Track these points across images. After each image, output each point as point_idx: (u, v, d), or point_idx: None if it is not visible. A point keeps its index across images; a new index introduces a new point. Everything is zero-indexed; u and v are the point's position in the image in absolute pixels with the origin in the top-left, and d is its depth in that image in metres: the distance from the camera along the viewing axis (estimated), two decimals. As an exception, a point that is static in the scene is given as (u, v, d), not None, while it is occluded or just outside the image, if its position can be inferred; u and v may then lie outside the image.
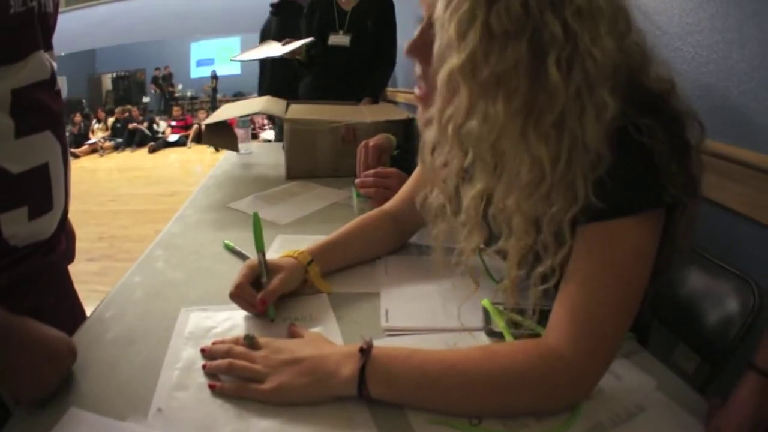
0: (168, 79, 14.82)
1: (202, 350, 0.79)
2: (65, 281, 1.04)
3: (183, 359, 0.78)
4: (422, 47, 0.74)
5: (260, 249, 0.95)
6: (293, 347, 0.76)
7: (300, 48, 2.79)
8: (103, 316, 0.90)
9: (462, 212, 0.77)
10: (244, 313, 0.90)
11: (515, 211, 0.70)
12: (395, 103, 4.04)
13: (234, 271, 1.00)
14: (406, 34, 3.71)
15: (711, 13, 1.30)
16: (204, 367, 0.75)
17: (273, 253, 1.14)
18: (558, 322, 0.70)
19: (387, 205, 1.20)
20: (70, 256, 1.01)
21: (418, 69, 0.78)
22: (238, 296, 0.89)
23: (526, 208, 0.69)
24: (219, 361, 0.74)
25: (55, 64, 0.89)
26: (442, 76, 0.67)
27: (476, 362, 0.69)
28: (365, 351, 0.70)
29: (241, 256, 1.13)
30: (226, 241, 1.20)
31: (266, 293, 0.89)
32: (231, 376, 0.73)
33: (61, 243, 0.95)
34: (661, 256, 0.72)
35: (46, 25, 0.85)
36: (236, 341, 0.78)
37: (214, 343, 0.79)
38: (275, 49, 2.83)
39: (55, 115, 0.88)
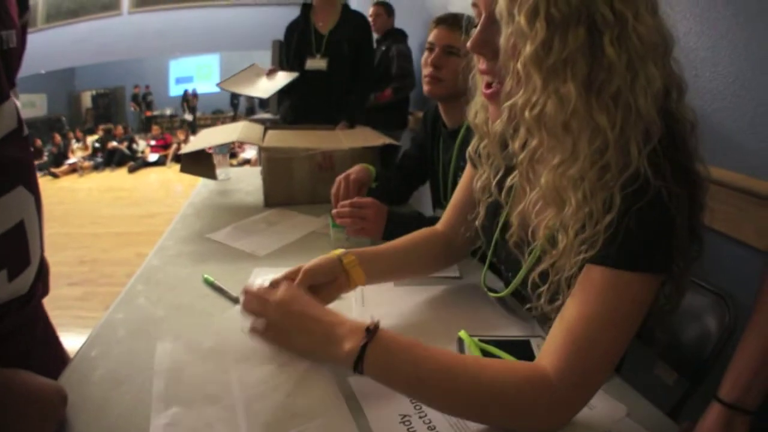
0: (146, 97, 14.79)
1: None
2: (45, 319, 1.02)
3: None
4: (485, 43, 0.80)
5: None
6: (305, 304, 0.85)
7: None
8: (88, 355, 0.92)
9: (538, 188, 0.80)
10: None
11: (580, 179, 0.74)
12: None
13: (214, 307, 1.05)
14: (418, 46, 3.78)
15: (684, 32, 1.34)
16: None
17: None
18: (552, 350, 0.74)
19: (438, 224, 1.24)
20: (45, 291, 0.99)
21: (482, 64, 0.84)
22: None
23: (591, 175, 0.73)
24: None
25: (19, 104, 0.85)
26: (518, 66, 0.72)
27: (467, 371, 0.73)
28: (371, 331, 0.76)
29: (221, 291, 1.17)
30: (206, 276, 1.23)
31: (290, 272, 0.97)
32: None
33: (39, 289, 0.94)
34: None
35: (11, 63, 0.82)
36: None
37: None
38: (261, 86, 2.89)
39: (26, 167, 0.86)
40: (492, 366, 0.75)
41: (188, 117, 14.59)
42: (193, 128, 13.82)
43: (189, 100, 14.94)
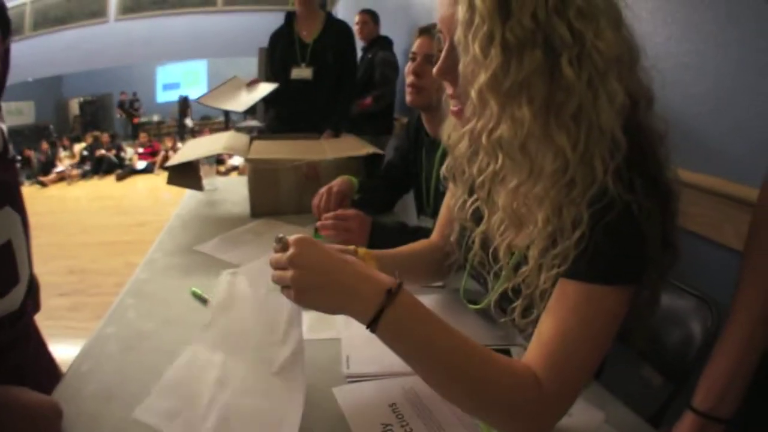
0: (133, 104, 14.73)
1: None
2: (37, 334, 1.05)
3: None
4: (448, 69, 0.82)
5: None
6: (322, 255, 0.77)
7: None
8: (80, 369, 0.95)
9: (498, 212, 0.84)
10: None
11: (543, 197, 0.76)
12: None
13: (203, 321, 1.08)
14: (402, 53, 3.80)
15: (666, 37, 1.36)
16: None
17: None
18: (531, 361, 0.75)
19: (432, 236, 1.26)
20: (36, 308, 1.02)
21: (449, 89, 0.86)
22: None
23: (553, 194, 0.75)
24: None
25: (4, 127, 0.87)
26: (472, 94, 0.74)
27: (474, 358, 0.74)
28: (392, 295, 0.73)
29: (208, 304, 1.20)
30: (194, 289, 1.26)
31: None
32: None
33: (30, 305, 0.96)
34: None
35: None
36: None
37: None
38: (238, 99, 2.91)
39: (11, 187, 0.88)
40: (497, 361, 0.75)
41: (189, 122, 14.54)
42: (181, 135, 13.78)
43: (188, 106, 14.87)
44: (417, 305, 0.76)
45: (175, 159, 2.08)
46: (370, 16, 4.20)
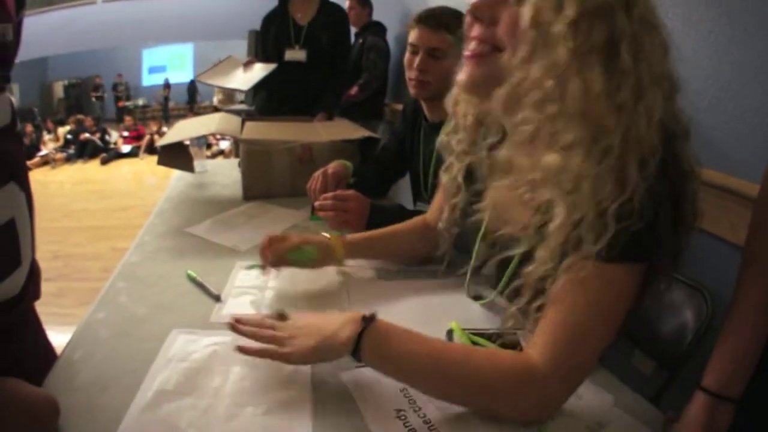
0: (116, 87, 14.58)
1: (231, 326, 0.87)
2: (36, 321, 1.00)
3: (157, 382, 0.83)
4: (488, 7, 0.79)
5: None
6: (310, 317, 0.88)
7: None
8: (71, 358, 0.91)
9: (536, 170, 0.78)
10: (228, 341, 0.92)
11: (577, 174, 0.71)
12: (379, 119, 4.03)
13: (198, 304, 1.03)
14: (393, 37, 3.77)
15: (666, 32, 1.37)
16: (232, 328, 0.87)
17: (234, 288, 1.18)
18: (541, 342, 0.75)
19: (427, 215, 1.30)
20: (36, 295, 0.96)
21: (475, 31, 0.82)
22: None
23: (591, 180, 0.71)
24: (247, 328, 0.86)
25: (14, 100, 0.84)
26: (539, 38, 0.71)
27: (455, 358, 0.76)
28: (367, 319, 0.79)
29: (203, 288, 1.16)
30: (189, 272, 1.22)
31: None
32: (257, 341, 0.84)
33: (30, 290, 0.90)
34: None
35: (6, 57, 0.80)
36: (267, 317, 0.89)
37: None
38: (240, 77, 2.87)
39: (18, 163, 0.84)
40: (478, 354, 0.78)
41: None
42: (166, 118, 13.65)
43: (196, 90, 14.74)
44: (393, 325, 0.80)
45: (166, 139, 2.04)
46: (357, 2, 4.13)
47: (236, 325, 0.86)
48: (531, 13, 0.72)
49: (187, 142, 2.11)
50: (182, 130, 2.19)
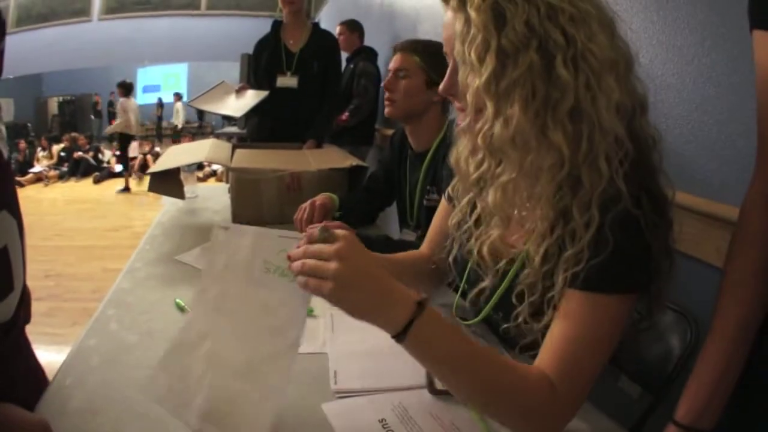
0: (112, 105, 14.62)
1: (289, 256, 0.79)
2: (27, 345, 0.99)
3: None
4: (453, 86, 0.88)
5: None
6: (368, 263, 0.76)
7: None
8: (63, 384, 0.94)
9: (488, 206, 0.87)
10: None
11: (541, 195, 0.80)
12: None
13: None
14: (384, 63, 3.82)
15: (650, 59, 1.40)
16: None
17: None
18: (545, 363, 0.78)
19: (422, 248, 1.29)
20: (27, 319, 0.96)
21: (456, 104, 0.91)
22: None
23: (549, 192, 0.79)
24: (297, 263, 0.76)
25: (2, 128, 0.84)
26: (469, 98, 0.80)
27: (492, 366, 0.76)
28: (421, 306, 0.73)
29: (191, 316, 1.19)
30: (178, 300, 1.26)
31: None
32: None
33: (21, 315, 0.90)
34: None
35: None
36: (311, 235, 0.78)
37: (298, 246, 0.79)
38: (232, 104, 2.93)
39: (8, 189, 0.83)
40: (516, 367, 0.77)
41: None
42: (159, 138, 13.69)
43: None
44: (441, 318, 0.76)
45: (157, 166, 2.08)
46: (346, 27, 4.20)
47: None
48: (461, 79, 0.82)
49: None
50: (173, 157, 2.23)
